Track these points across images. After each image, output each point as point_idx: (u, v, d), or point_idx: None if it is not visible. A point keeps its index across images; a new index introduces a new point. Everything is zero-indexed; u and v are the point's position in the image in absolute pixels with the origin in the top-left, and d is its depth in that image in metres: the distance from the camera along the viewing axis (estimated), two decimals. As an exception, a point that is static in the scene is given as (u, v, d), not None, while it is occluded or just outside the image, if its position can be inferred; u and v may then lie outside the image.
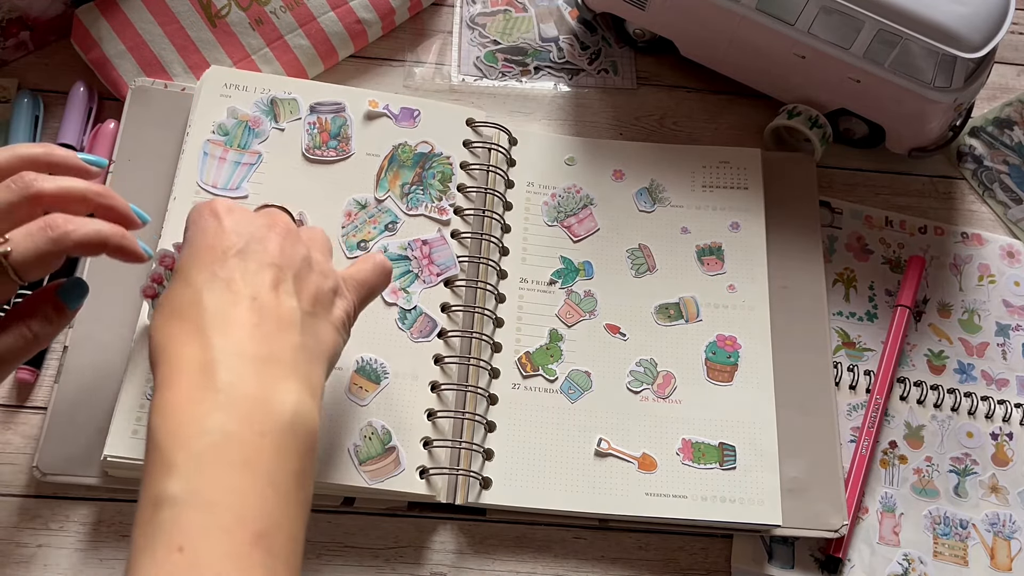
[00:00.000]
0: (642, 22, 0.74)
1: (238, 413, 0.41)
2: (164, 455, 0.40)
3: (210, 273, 0.46)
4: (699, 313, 0.66)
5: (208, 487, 0.39)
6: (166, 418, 0.41)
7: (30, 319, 0.48)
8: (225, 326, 0.44)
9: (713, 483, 0.60)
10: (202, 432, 0.41)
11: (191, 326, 0.44)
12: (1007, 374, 0.68)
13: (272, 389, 0.43)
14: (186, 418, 0.41)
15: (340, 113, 0.68)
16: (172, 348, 0.44)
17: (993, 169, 0.76)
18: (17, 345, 0.48)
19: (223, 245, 0.47)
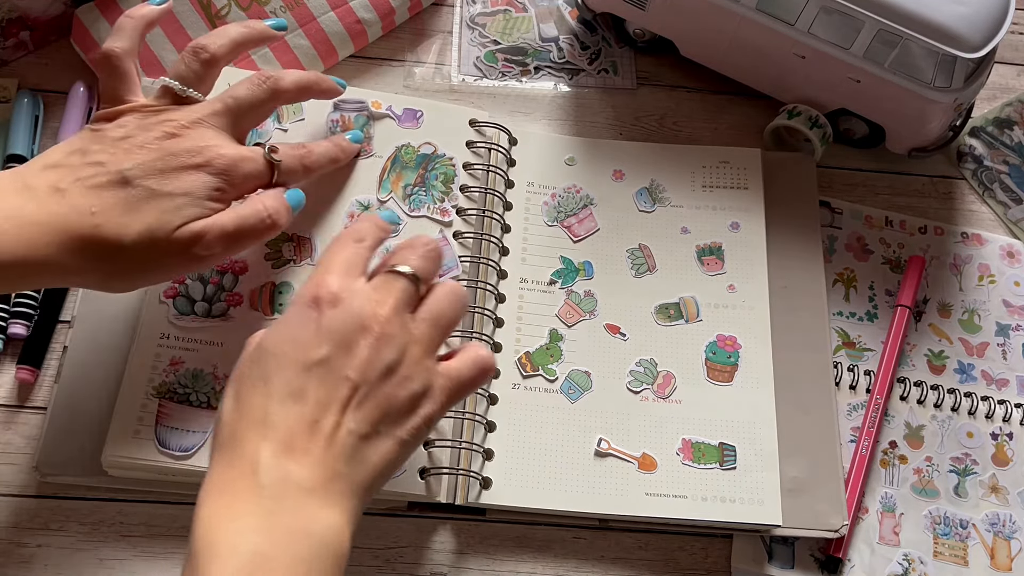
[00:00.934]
0: (642, 22, 0.74)
1: (274, 537, 0.41)
2: (199, 565, 0.40)
3: (287, 379, 0.45)
4: (699, 313, 0.66)
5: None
6: (205, 531, 0.42)
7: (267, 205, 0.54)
8: (280, 440, 0.44)
9: (713, 483, 0.60)
10: (235, 552, 0.41)
11: (254, 428, 0.44)
12: (1007, 374, 0.68)
13: (311, 517, 0.43)
14: (222, 533, 0.41)
15: (363, 112, 0.68)
16: (229, 443, 0.45)
17: (993, 169, 0.76)
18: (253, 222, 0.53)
19: (310, 349, 0.46)
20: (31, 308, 0.62)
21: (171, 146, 0.52)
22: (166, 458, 0.56)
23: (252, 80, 0.56)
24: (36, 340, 0.62)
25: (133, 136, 0.52)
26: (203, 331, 0.60)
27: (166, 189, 0.51)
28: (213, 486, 0.44)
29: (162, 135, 0.52)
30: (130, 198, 0.50)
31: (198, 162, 0.52)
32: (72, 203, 0.49)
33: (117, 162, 0.50)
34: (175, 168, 0.51)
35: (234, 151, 0.53)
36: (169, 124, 0.53)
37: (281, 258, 0.63)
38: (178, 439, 0.57)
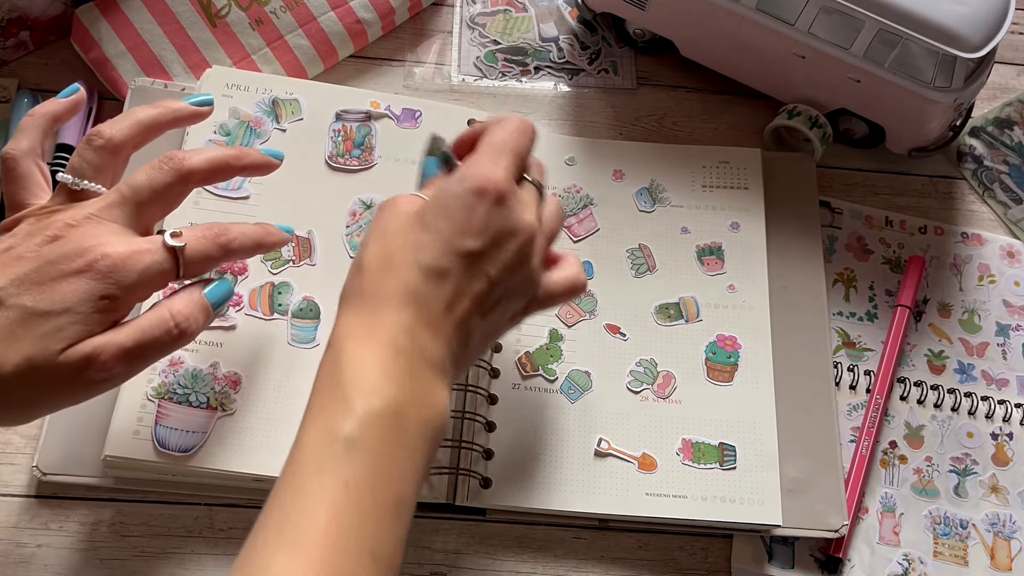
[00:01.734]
0: (642, 22, 0.74)
1: (409, 395, 0.45)
2: (347, 395, 0.44)
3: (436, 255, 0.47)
4: (699, 313, 0.66)
5: (374, 442, 0.43)
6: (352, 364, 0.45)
7: (175, 312, 0.48)
8: (420, 311, 0.46)
9: (713, 483, 0.60)
10: (381, 395, 0.44)
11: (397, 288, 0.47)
12: (1007, 374, 0.68)
13: (432, 388, 0.46)
14: (370, 374, 0.44)
15: (365, 123, 0.68)
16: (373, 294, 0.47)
17: (993, 169, 0.76)
18: (157, 334, 0.47)
19: (467, 237, 0.47)
20: (31, 308, 0.62)
21: (50, 252, 0.45)
22: (166, 458, 0.56)
23: (153, 163, 0.49)
24: (36, 340, 0.62)
25: (15, 246, 0.46)
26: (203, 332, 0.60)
27: (42, 307, 0.44)
28: (358, 331, 0.46)
29: (44, 240, 0.46)
30: (5, 323, 0.44)
31: (78, 267, 0.45)
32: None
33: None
34: (52, 278, 0.45)
35: (124, 247, 0.46)
36: (54, 226, 0.46)
37: (280, 259, 0.63)
38: (177, 439, 0.57)
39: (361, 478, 0.42)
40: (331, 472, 0.42)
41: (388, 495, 0.43)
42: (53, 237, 0.46)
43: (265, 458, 0.57)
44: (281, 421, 0.58)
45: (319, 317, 0.62)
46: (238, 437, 0.58)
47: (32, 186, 0.50)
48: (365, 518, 0.42)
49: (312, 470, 0.42)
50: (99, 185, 0.49)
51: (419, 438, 0.45)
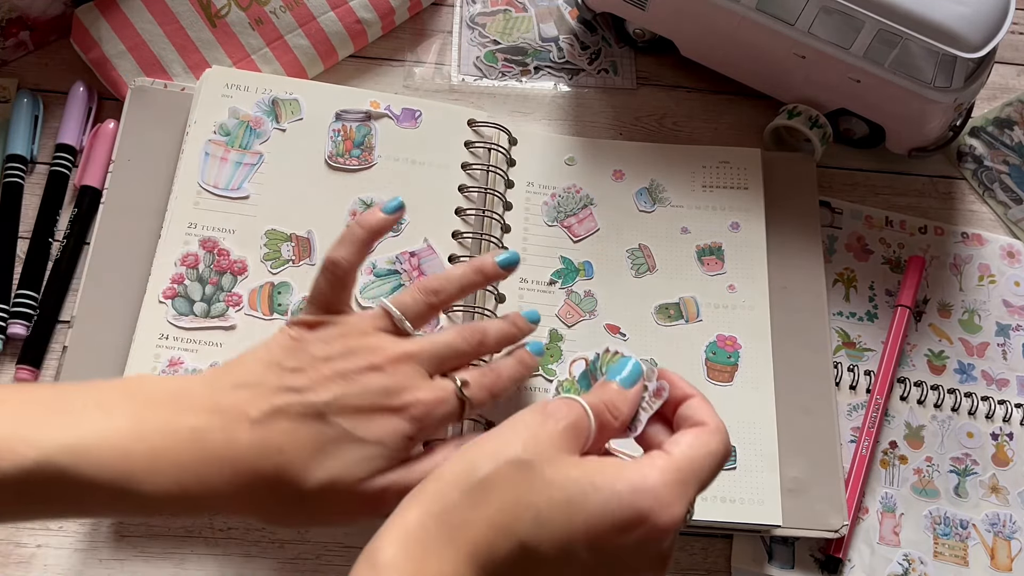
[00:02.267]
0: (642, 22, 0.74)
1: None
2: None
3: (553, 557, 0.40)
4: (699, 313, 0.66)
5: None
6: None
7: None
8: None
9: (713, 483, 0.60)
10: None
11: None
12: (1007, 374, 0.68)
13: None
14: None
15: (365, 122, 0.68)
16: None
17: (993, 169, 0.76)
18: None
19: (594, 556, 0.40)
20: (31, 308, 0.62)
21: (371, 383, 0.48)
22: (166, 458, 0.56)
23: (463, 332, 0.52)
24: (36, 340, 0.62)
25: (335, 360, 0.48)
26: (202, 331, 0.60)
27: (359, 433, 0.46)
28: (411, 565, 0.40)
29: (367, 367, 0.48)
30: (319, 438, 0.46)
31: (396, 406, 0.47)
32: (261, 439, 0.45)
33: (315, 392, 0.46)
34: (373, 409, 0.47)
35: (431, 395, 0.49)
36: (376, 354, 0.49)
37: (280, 258, 0.63)
38: (178, 439, 0.57)
39: None
40: None
41: None
42: (375, 367, 0.48)
43: (265, 458, 0.57)
44: (281, 421, 0.58)
45: (319, 317, 0.62)
46: (238, 437, 0.58)
47: (347, 297, 0.52)
48: None
49: None
50: (415, 329, 0.52)
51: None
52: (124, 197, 0.65)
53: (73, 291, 0.63)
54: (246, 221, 0.64)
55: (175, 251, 0.62)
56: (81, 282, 0.62)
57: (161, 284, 0.61)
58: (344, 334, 0.49)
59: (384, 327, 0.51)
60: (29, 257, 0.64)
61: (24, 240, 0.65)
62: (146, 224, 0.64)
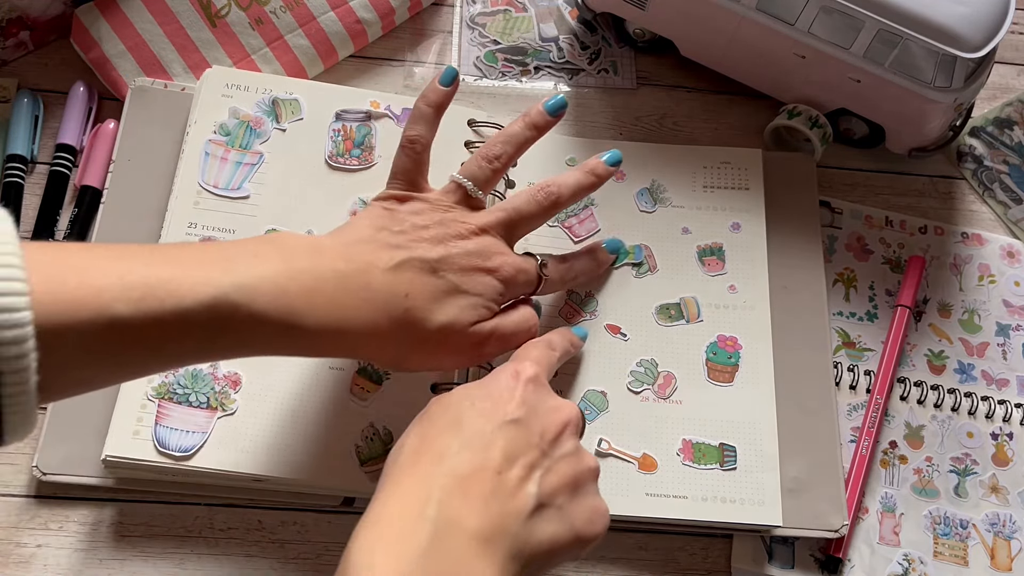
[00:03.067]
0: (642, 22, 0.74)
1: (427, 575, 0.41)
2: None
3: (479, 429, 0.47)
4: (700, 313, 0.66)
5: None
6: (359, 558, 0.41)
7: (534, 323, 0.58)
8: (459, 480, 0.44)
9: (713, 484, 0.60)
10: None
11: (433, 464, 0.45)
12: (1007, 374, 0.68)
13: (468, 566, 0.42)
14: (376, 566, 0.41)
15: (365, 122, 0.68)
16: (410, 475, 0.45)
17: (993, 169, 0.76)
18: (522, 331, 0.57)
19: (508, 408, 0.48)
20: (31, 308, 0.62)
21: (467, 246, 0.55)
22: (165, 458, 0.56)
23: (533, 193, 0.58)
24: (36, 340, 0.62)
25: (430, 227, 0.54)
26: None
27: (465, 286, 0.53)
28: (376, 516, 0.43)
29: (457, 234, 0.55)
30: (436, 288, 0.52)
31: (490, 266, 0.55)
32: (391, 283, 0.51)
33: (425, 250, 0.53)
34: (472, 268, 0.54)
35: (517, 261, 0.57)
36: (462, 226, 0.55)
37: (281, 258, 0.63)
38: (177, 439, 0.57)
39: None
40: None
41: None
42: (463, 235, 0.55)
43: (265, 458, 0.57)
44: (281, 421, 0.58)
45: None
46: (238, 437, 0.58)
47: (425, 171, 0.58)
48: None
49: None
50: (484, 195, 0.58)
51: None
52: (124, 197, 0.65)
53: (73, 291, 0.63)
54: (246, 221, 0.64)
55: (175, 251, 0.62)
56: (81, 282, 0.62)
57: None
58: (431, 207, 0.56)
59: (459, 199, 0.57)
60: (29, 257, 0.64)
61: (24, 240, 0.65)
62: (146, 224, 0.64)
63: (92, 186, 0.66)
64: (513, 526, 0.44)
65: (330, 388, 0.60)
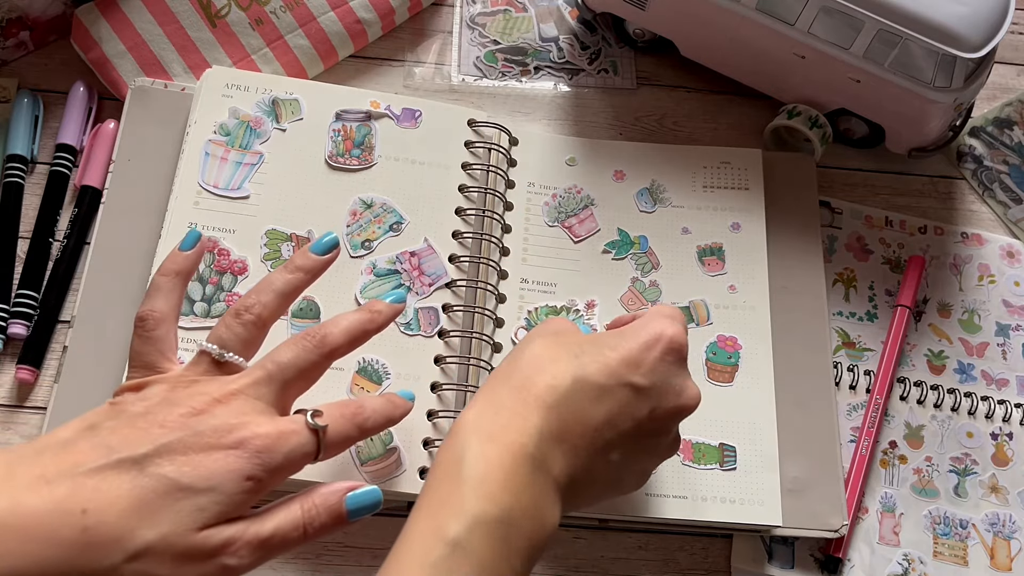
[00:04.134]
0: (642, 22, 0.74)
1: (524, 507, 0.44)
2: (463, 495, 0.43)
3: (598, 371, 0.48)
4: (709, 316, 0.66)
5: (480, 551, 0.42)
6: (476, 464, 0.44)
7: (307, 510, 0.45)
8: (561, 422, 0.47)
9: (713, 484, 0.60)
10: (497, 501, 0.43)
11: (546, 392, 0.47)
12: (1007, 374, 0.68)
13: (546, 505, 0.45)
14: (491, 477, 0.44)
15: (365, 122, 0.68)
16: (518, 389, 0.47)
17: (993, 169, 0.76)
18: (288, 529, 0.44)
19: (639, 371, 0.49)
20: (31, 308, 0.62)
21: (197, 424, 0.43)
22: (166, 458, 0.56)
23: (296, 340, 0.48)
24: (36, 340, 0.62)
25: (155, 412, 0.43)
26: (202, 331, 0.60)
27: (186, 480, 0.41)
28: (490, 426, 0.45)
29: (188, 412, 0.43)
30: (139, 491, 0.40)
31: (229, 443, 0.42)
32: (58, 500, 0.39)
33: (130, 446, 0.41)
34: (199, 450, 0.42)
35: (273, 427, 0.44)
36: (199, 398, 0.44)
37: (280, 259, 0.63)
38: (178, 439, 0.57)
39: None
40: (432, 571, 0.41)
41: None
42: (199, 410, 0.43)
43: (265, 458, 0.57)
44: (281, 421, 0.58)
45: (319, 317, 0.62)
46: (238, 437, 0.58)
47: (167, 350, 0.48)
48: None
49: (414, 566, 0.42)
50: (243, 359, 0.48)
51: (524, 555, 0.44)
52: (124, 197, 0.65)
53: (73, 291, 0.63)
54: (246, 221, 0.64)
55: (175, 251, 0.62)
56: (81, 282, 0.62)
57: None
58: (168, 388, 0.45)
59: (208, 370, 0.47)
60: (29, 257, 0.64)
61: (24, 240, 0.65)
62: (146, 224, 0.64)
63: (92, 186, 0.66)
64: (584, 479, 0.47)
65: (330, 388, 0.60)
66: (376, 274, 0.63)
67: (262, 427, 0.44)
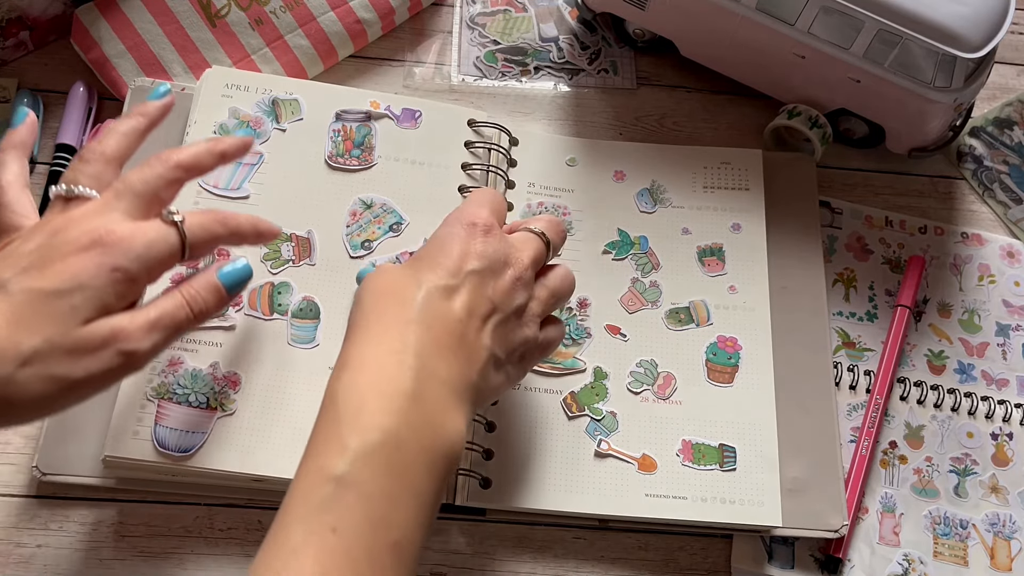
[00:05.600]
0: (642, 22, 0.74)
1: (411, 422, 0.44)
2: (341, 432, 0.43)
3: (440, 276, 0.49)
4: (710, 316, 0.66)
5: (369, 481, 0.42)
6: (348, 398, 0.44)
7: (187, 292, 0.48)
8: (429, 331, 0.47)
9: (713, 484, 0.60)
10: (378, 427, 0.43)
11: (401, 312, 0.47)
12: (1007, 374, 0.68)
13: (444, 413, 0.46)
14: (367, 406, 0.44)
15: (365, 122, 0.68)
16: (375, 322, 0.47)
17: (993, 169, 0.76)
18: (173, 311, 0.47)
19: (466, 259, 0.49)
20: (31, 308, 0.62)
21: (53, 240, 0.44)
22: (165, 459, 0.56)
23: (142, 163, 0.49)
24: (36, 340, 0.62)
25: (13, 249, 0.45)
26: (202, 331, 0.60)
27: (51, 285, 0.43)
28: (357, 360, 0.45)
29: (46, 235, 0.45)
30: (10, 308, 0.42)
31: (85, 243, 0.44)
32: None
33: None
34: (59, 258, 0.44)
35: (130, 225, 0.46)
36: (53, 223, 0.46)
37: (280, 259, 0.63)
38: (177, 439, 0.57)
39: (352, 522, 0.40)
40: (318, 517, 0.40)
41: (384, 539, 0.41)
42: (54, 231, 0.45)
43: (264, 458, 0.57)
44: (281, 421, 0.58)
45: (319, 317, 0.62)
46: (238, 437, 0.58)
47: (20, 210, 0.49)
48: (356, 565, 0.40)
49: (299, 516, 0.41)
50: (93, 191, 0.48)
51: (424, 471, 0.43)
52: (124, 197, 0.65)
53: (73, 291, 0.63)
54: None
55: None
56: (81, 282, 0.62)
57: (161, 284, 0.61)
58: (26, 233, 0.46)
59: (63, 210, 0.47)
60: (29, 257, 0.64)
61: None
62: (146, 224, 0.63)
63: (92, 186, 0.66)
64: (476, 379, 0.48)
65: (330, 388, 0.60)
66: (376, 274, 0.63)
67: (118, 226, 0.46)
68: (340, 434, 0.43)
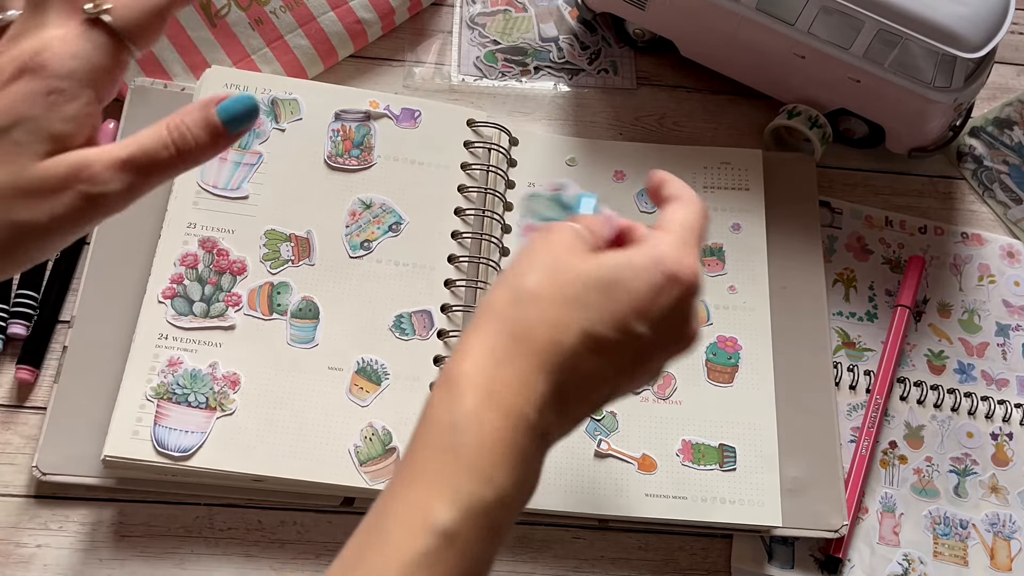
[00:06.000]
0: (642, 22, 0.74)
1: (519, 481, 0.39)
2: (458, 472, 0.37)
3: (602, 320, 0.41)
4: (709, 316, 0.66)
5: (473, 543, 0.37)
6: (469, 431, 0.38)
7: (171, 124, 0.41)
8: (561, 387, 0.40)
9: (713, 484, 0.60)
10: (495, 483, 0.38)
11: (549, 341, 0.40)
12: (1007, 374, 0.68)
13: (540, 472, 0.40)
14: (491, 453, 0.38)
15: (365, 122, 0.68)
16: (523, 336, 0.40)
17: (993, 169, 0.76)
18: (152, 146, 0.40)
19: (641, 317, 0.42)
20: (31, 308, 0.62)
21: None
22: (165, 458, 0.56)
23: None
24: (36, 340, 0.62)
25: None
26: (201, 332, 0.60)
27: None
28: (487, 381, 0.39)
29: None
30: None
31: (10, 76, 0.39)
32: None
33: None
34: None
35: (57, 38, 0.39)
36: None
37: (279, 259, 0.63)
38: (176, 440, 0.57)
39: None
40: (413, 572, 0.36)
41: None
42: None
43: (264, 458, 0.57)
44: (280, 421, 0.58)
45: (318, 317, 0.62)
46: (237, 437, 0.58)
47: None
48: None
49: (392, 558, 0.36)
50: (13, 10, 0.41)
51: (508, 536, 0.39)
52: (124, 197, 0.65)
53: (73, 291, 0.63)
54: (245, 221, 0.64)
55: (174, 251, 0.62)
56: (81, 282, 0.62)
57: (160, 284, 0.61)
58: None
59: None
60: (29, 257, 0.63)
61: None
62: (146, 224, 0.63)
63: (92, 186, 0.66)
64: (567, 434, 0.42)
65: (329, 388, 0.60)
66: (376, 274, 0.63)
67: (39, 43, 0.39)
68: (456, 474, 0.37)
